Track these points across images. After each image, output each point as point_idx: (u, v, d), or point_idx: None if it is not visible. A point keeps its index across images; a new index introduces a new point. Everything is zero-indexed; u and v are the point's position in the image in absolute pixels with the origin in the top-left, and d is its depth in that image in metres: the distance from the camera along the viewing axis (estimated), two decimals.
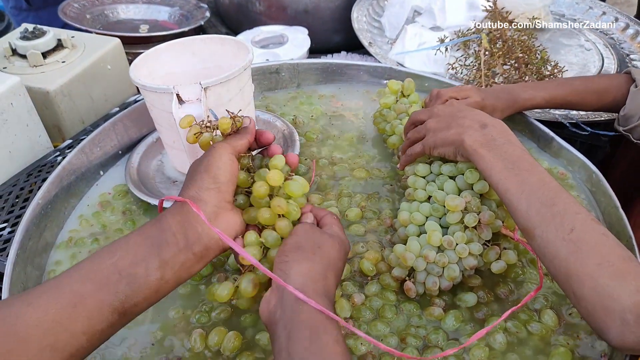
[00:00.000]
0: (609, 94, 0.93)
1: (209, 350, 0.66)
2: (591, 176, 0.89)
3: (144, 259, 0.52)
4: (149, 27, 1.57)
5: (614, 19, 1.48)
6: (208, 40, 0.89)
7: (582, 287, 0.55)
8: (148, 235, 0.54)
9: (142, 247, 0.52)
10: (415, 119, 0.81)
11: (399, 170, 0.86)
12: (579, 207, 0.60)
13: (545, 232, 0.59)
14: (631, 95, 0.90)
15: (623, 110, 0.91)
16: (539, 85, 0.95)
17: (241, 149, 0.62)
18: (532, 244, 0.61)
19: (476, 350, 0.65)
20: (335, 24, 1.49)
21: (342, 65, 1.17)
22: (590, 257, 0.55)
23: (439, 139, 0.73)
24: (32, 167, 1.01)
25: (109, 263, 0.50)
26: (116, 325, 0.51)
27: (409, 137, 0.81)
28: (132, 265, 0.51)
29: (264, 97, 1.14)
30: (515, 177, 0.64)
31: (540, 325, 0.68)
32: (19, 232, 0.74)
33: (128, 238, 0.53)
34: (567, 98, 0.94)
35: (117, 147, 0.97)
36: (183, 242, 0.55)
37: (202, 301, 0.72)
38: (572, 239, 0.57)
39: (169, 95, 0.74)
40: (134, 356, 0.66)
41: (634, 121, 0.89)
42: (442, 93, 0.91)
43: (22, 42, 1.11)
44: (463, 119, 0.72)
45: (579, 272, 0.55)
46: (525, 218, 0.61)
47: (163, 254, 0.53)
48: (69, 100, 1.10)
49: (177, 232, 0.55)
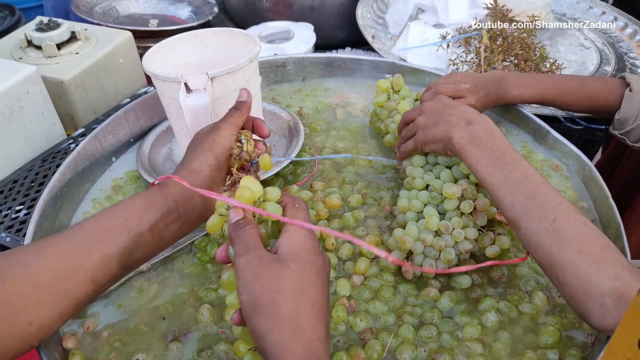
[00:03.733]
0: (601, 97, 0.94)
1: (216, 325, 0.70)
2: (584, 167, 0.92)
3: (148, 222, 0.57)
4: (158, 22, 1.61)
5: (613, 19, 1.51)
6: (219, 33, 0.93)
7: (565, 274, 0.59)
8: (153, 201, 0.58)
9: (148, 212, 0.57)
10: (407, 117, 0.86)
11: (397, 165, 0.90)
12: (560, 199, 0.64)
13: (529, 224, 0.63)
14: (626, 98, 0.91)
15: (618, 114, 0.91)
16: (532, 82, 0.96)
17: (240, 124, 0.67)
18: (518, 234, 0.65)
19: (469, 327, 0.68)
20: (340, 20, 1.52)
21: (346, 60, 1.20)
22: (571, 245, 0.59)
23: (428, 136, 0.77)
24: (46, 154, 1.05)
25: (117, 223, 0.54)
26: (117, 277, 0.56)
27: (402, 136, 0.86)
28: (138, 226, 0.56)
29: (270, 90, 1.18)
30: (500, 171, 0.67)
31: (531, 306, 0.71)
32: (36, 211, 0.78)
33: (134, 201, 0.58)
34: (557, 99, 0.96)
35: (129, 135, 1.01)
36: (183, 209, 0.60)
37: (209, 279, 0.76)
38: (554, 229, 0.61)
39: (178, 84, 0.77)
40: (145, 330, 0.70)
41: (629, 124, 0.91)
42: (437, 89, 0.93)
43: (37, 34, 1.15)
44: (450, 116, 0.76)
45: (562, 260, 0.59)
46: (510, 210, 0.65)
47: (166, 219, 0.58)
48: (82, 91, 1.14)
49: (179, 200, 0.60)
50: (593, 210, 0.88)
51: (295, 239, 0.50)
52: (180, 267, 0.78)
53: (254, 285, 0.46)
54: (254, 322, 0.46)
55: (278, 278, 0.47)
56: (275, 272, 0.47)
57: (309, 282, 0.48)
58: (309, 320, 0.46)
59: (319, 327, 0.47)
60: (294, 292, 0.47)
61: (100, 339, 0.68)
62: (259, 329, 0.46)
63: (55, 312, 0.50)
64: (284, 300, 0.46)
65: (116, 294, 0.74)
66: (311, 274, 0.48)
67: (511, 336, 0.69)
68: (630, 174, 1.22)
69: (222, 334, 0.69)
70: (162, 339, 0.68)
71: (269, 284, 0.46)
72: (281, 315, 0.45)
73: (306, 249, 0.49)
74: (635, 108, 0.90)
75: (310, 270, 0.49)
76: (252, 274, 0.47)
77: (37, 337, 0.49)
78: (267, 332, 0.45)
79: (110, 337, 0.69)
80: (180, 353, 0.67)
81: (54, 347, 0.65)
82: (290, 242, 0.49)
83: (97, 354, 0.67)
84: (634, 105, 0.90)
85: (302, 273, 0.48)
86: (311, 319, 0.46)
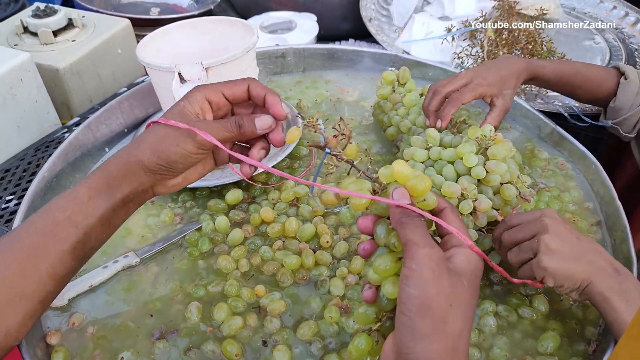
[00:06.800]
0: (603, 84, 0.93)
1: (204, 323, 0.68)
2: (590, 167, 0.89)
3: (96, 213, 0.52)
4: (159, 10, 1.58)
5: (624, 14, 1.48)
6: (217, 22, 0.90)
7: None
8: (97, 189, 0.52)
9: (94, 202, 0.52)
10: (511, 222, 0.68)
11: None
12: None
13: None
14: (621, 87, 0.90)
15: (613, 101, 0.91)
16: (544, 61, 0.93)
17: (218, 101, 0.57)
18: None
19: None
20: (343, 11, 1.49)
21: (347, 52, 1.17)
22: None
23: (562, 270, 0.61)
24: (40, 143, 1.02)
25: (62, 217, 0.50)
26: (77, 268, 0.53)
27: (507, 247, 0.67)
28: (85, 219, 0.51)
29: (269, 81, 1.16)
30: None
31: (531, 310, 0.69)
32: (25, 202, 0.76)
33: (77, 191, 0.52)
34: (572, 78, 0.92)
35: (123, 125, 0.99)
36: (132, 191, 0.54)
37: (199, 275, 0.74)
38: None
39: (171, 74, 0.75)
40: (132, 326, 0.68)
41: (623, 114, 0.90)
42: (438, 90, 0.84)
43: (33, 20, 1.13)
44: (593, 254, 0.63)
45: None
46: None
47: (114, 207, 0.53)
48: (78, 79, 1.12)
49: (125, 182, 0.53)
50: (599, 211, 0.85)
51: (471, 258, 0.45)
52: (170, 261, 0.76)
53: (430, 285, 0.42)
54: (417, 322, 0.42)
55: (455, 291, 0.42)
56: (454, 283, 0.43)
57: (472, 308, 0.44)
58: (464, 349, 0.43)
59: (466, 358, 0.43)
60: (463, 312, 0.43)
61: (85, 335, 0.67)
62: (420, 330, 0.41)
63: (19, 316, 0.48)
64: (453, 317, 0.42)
65: (103, 289, 0.72)
66: (474, 301, 0.45)
67: (510, 341, 0.66)
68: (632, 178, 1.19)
69: (210, 333, 0.67)
70: (148, 337, 0.66)
71: (445, 292, 0.42)
72: (447, 330, 0.41)
73: (477, 273, 0.45)
74: (630, 96, 0.89)
75: (474, 297, 0.45)
76: (432, 271, 0.42)
77: (6, 343, 0.47)
78: (427, 338, 0.41)
79: (96, 334, 0.67)
80: (166, 352, 0.65)
81: (36, 344, 0.64)
82: (466, 259, 0.45)
83: (81, 351, 0.65)
84: (629, 93, 0.89)
85: (472, 297, 0.44)
86: (465, 347, 0.43)
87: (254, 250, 0.77)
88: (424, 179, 0.47)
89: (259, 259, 0.76)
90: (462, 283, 0.43)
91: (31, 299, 0.48)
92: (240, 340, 0.66)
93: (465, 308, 0.43)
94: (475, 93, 0.82)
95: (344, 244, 0.76)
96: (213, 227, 0.80)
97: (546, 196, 0.86)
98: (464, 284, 0.43)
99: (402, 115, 0.92)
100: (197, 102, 0.55)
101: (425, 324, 0.41)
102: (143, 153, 0.53)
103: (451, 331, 0.42)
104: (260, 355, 0.65)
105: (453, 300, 0.42)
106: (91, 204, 0.52)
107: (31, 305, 0.48)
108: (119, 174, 0.53)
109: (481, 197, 0.72)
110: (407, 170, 0.48)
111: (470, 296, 0.44)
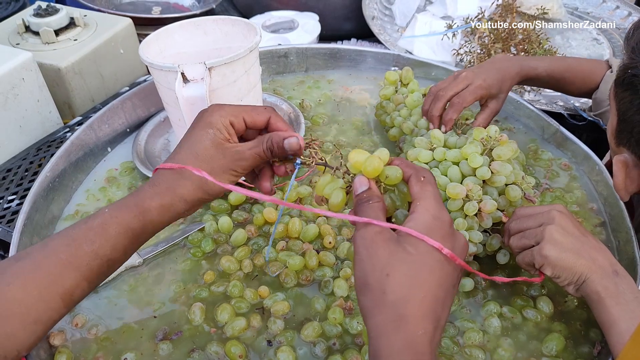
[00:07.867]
0: (594, 77, 0.93)
1: (208, 324, 0.67)
2: (594, 168, 0.89)
3: (122, 248, 0.52)
4: (161, 9, 1.58)
5: (627, 13, 1.47)
6: (220, 21, 0.90)
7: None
8: (129, 228, 0.52)
9: (123, 239, 0.52)
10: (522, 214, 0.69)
11: None
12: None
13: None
14: (605, 79, 0.90)
15: (595, 93, 0.91)
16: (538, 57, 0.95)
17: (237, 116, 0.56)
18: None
19: (470, 333, 0.66)
20: (346, 11, 1.49)
21: (350, 51, 1.17)
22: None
23: (562, 261, 0.62)
24: (41, 142, 1.02)
25: (89, 250, 0.50)
26: (89, 292, 0.53)
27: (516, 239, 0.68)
28: (112, 253, 0.51)
29: (272, 81, 1.15)
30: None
31: (536, 312, 0.69)
32: (27, 203, 0.76)
33: (108, 226, 0.51)
34: (564, 75, 0.92)
35: (125, 124, 0.98)
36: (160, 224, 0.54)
37: (203, 276, 0.74)
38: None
39: (174, 74, 0.75)
40: (135, 327, 0.68)
41: (603, 106, 0.90)
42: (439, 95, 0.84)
43: (35, 19, 1.13)
44: (596, 252, 0.63)
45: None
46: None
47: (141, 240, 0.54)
48: (80, 78, 1.12)
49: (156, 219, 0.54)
50: (603, 212, 0.85)
51: (420, 222, 0.45)
52: (173, 262, 0.76)
53: (366, 262, 0.43)
54: (360, 299, 0.44)
55: (390, 260, 0.43)
56: (389, 253, 0.43)
57: (425, 272, 0.43)
58: (414, 313, 0.42)
59: (425, 322, 0.42)
60: (404, 279, 0.42)
61: (89, 336, 0.66)
62: (364, 307, 0.44)
63: (32, 339, 0.48)
64: (391, 285, 0.42)
65: (107, 290, 0.72)
66: (429, 264, 0.43)
67: (514, 343, 0.66)
68: None
69: (213, 334, 0.66)
70: (151, 338, 0.66)
71: (380, 264, 0.43)
72: (385, 300, 0.42)
73: (430, 234, 0.44)
74: None
75: (430, 259, 0.43)
76: (365, 250, 0.44)
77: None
78: (370, 313, 0.43)
79: (99, 335, 0.66)
80: (170, 353, 0.65)
81: (39, 344, 0.63)
82: (413, 225, 0.44)
83: (84, 352, 0.65)
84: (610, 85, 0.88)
85: (419, 261, 0.43)
86: (417, 312, 0.42)
87: (257, 250, 0.77)
88: (372, 159, 0.48)
89: (262, 259, 0.75)
90: (404, 250, 0.43)
91: (45, 324, 0.49)
92: (244, 341, 0.66)
93: (409, 273, 0.43)
94: (476, 95, 0.83)
95: (347, 245, 0.76)
96: (216, 228, 0.80)
97: (550, 197, 0.86)
98: (407, 249, 0.43)
99: (404, 117, 0.91)
100: (224, 128, 0.55)
101: (367, 300, 0.43)
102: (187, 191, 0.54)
103: (392, 299, 0.42)
104: (264, 356, 0.64)
105: (390, 269, 0.43)
106: (120, 241, 0.52)
107: (44, 329, 0.49)
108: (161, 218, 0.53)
109: (486, 198, 0.72)
110: (360, 156, 0.50)
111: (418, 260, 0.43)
